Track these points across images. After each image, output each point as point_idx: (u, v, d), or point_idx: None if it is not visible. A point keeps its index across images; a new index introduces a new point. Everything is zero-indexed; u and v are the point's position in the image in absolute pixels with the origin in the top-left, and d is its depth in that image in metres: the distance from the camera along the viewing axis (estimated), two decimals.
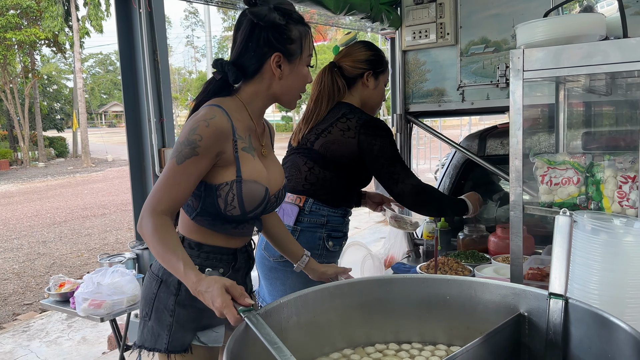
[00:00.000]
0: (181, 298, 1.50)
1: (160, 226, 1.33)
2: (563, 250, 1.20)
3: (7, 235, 9.23)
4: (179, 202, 1.39)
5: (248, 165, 1.46)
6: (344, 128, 2.05)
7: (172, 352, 1.51)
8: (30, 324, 5.02)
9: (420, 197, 2.05)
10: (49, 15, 21.20)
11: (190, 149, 1.36)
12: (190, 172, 1.37)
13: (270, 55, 1.45)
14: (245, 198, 1.44)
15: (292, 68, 1.49)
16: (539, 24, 1.52)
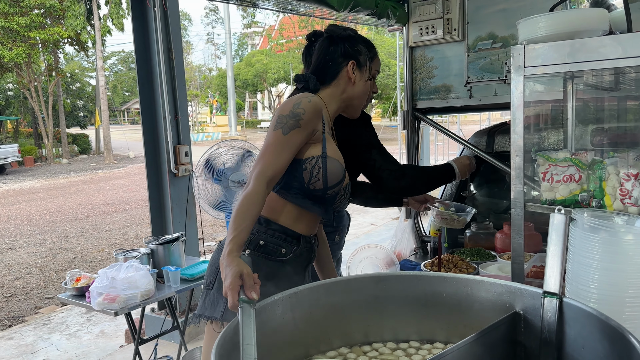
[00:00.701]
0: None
1: (256, 193, 1.46)
2: (558, 249, 1.19)
3: (30, 231, 9.44)
4: (282, 170, 1.53)
5: (331, 146, 1.65)
6: None
7: (226, 319, 1.58)
8: (51, 317, 5.14)
9: (401, 181, 1.99)
10: (72, 14, 21.51)
11: (294, 121, 1.54)
12: (293, 142, 1.54)
13: (347, 62, 1.73)
14: (329, 172, 1.60)
15: (362, 76, 1.78)
16: (541, 19, 1.51)
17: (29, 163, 22.71)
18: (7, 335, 4.77)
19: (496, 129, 2.92)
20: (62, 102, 26.11)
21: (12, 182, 17.39)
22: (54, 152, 24.47)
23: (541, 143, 2.09)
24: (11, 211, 11.63)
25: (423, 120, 2.87)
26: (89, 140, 28.24)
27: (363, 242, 7.24)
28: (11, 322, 5.16)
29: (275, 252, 1.64)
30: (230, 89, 20.92)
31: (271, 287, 1.53)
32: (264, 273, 1.55)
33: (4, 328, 5.01)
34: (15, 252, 7.93)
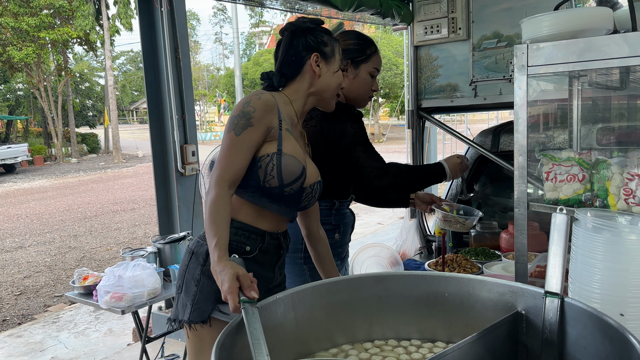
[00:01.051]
0: (207, 268, 1.57)
1: (220, 198, 1.48)
2: (560, 249, 1.19)
3: (40, 229, 9.51)
4: (241, 171, 1.53)
5: (289, 143, 1.60)
6: (307, 118, 1.98)
7: (193, 322, 1.58)
8: (60, 316, 5.18)
9: (383, 180, 1.94)
10: (81, 14, 21.67)
11: (245, 120, 1.53)
12: (248, 141, 1.53)
13: (310, 55, 1.66)
14: (283, 169, 1.57)
15: (329, 68, 1.70)
16: (544, 18, 1.50)
17: (38, 162, 22.90)
18: (16, 333, 4.82)
19: (501, 128, 2.91)
20: (72, 101, 26.30)
21: (22, 181, 17.54)
22: (63, 152, 24.65)
23: (545, 142, 2.08)
24: (21, 210, 11.73)
25: (428, 119, 2.87)
26: (97, 140, 28.43)
27: (370, 241, 7.22)
28: (20, 320, 5.21)
29: (238, 250, 1.59)
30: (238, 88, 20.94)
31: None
32: None
33: (13, 326, 5.06)
34: (25, 251, 8.00)
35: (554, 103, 2.05)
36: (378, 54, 2.15)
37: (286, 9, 3.36)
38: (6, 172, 20.42)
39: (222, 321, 1.57)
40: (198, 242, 1.66)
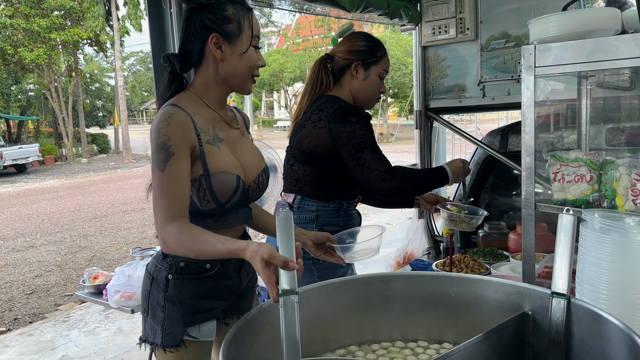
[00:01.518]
0: (169, 294, 1.52)
1: (178, 229, 1.36)
2: (567, 249, 1.19)
3: (50, 229, 9.60)
4: (183, 204, 1.39)
5: (214, 157, 1.45)
6: (316, 119, 2.00)
7: (167, 346, 1.52)
8: (70, 314, 5.23)
9: (388, 183, 1.92)
10: (91, 16, 21.86)
11: (164, 152, 1.37)
12: (177, 172, 1.38)
13: (208, 37, 1.43)
14: (216, 190, 1.44)
15: (234, 48, 1.46)
16: (552, 19, 1.50)
17: (49, 162, 23.10)
18: (27, 331, 4.87)
19: (510, 128, 2.90)
20: (82, 102, 26.51)
21: (33, 181, 17.70)
22: (73, 152, 24.85)
23: (554, 142, 2.08)
24: (32, 209, 11.84)
25: (436, 119, 2.87)
26: (107, 140, 28.63)
27: None
28: (32, 319, 5.26)
29: (199, 269, 1.52)
30: None
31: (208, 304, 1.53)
32: (195, 294, 1.52)
33: (24, 324, 5.12)
34: (35, 250, 8.08)
35: (562, 103, 2.04)
36: (387, 56, 2.16)
37: (294, 10, 3.37)
38: (18, 172, 20.62)
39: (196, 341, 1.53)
40: (156, 265, 1.54)
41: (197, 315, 1.53)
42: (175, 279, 1.52)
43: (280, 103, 42.41)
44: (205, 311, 1.53)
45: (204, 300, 1.54)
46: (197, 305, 1.53)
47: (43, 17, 21.31)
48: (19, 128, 29.08)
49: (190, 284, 1.52)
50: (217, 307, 1.57)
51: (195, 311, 1.53)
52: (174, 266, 1.51)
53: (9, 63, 22.84)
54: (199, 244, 1.33)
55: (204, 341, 1.55)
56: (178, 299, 1.52)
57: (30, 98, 30.12)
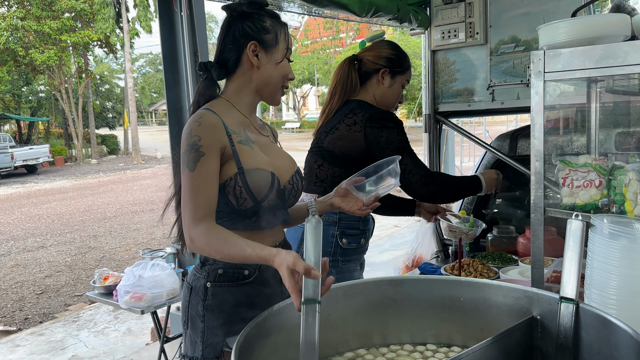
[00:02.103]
0: (208, 303, 1.51)
1: (208, 231, 1.37)
2: (575, 255, 1.20)
3: (60, 229, 9.67)
4: (212, 204, 1.41)
5: (247, 156, 1.47)
6: (351, 123, 2.04)
7: (207, 358, 1.51)
8: (80, 315, 5.27)
9: (430, 188, 1.99)
10: (101, 18, 22.04)
11: (195, 152, 1.40)
12: (208, 172, 1.40)
13: (247, 44, 1.49)
14: (252, 186, 1.45)
15: (270, 58, 1.52)
16: (561, 24, 1.51)
17: (59, 163, 23.28)
18: (38, 331, 4.91)
19: (519, 132, 2.90)
20: (92, 103, 26.69)
21: (44, 182, 17.84)
22: (83, 153, 25.01)
23: (563, 147, 2.08)
24: (42, 210, 11.93)
25: (444, 123, 2.87)
26: (117, 141, 28.79)
27: (386, 244, 7.24)
28: (42, 319, 5.31)
29: (237, 276, 1.51)
30: None
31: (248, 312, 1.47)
32: (234, 302, 1.50)
33: (35, 324, 5.16)
34: (46, 251, 8.14)
35: (571, 108, 2.04)
36: (410, 69, 2.24)
37: (303, 12, 3.39)
38: (28, 172, 20.79)
39: None
40: (194, 275, 1.55)
41: (237, 325, 1.47)
42: (214, 286, 1.51)
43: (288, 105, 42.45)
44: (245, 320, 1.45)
45: (243, 309, 1.50)
46: (237, 313, 1.49)
47: (54, 19, 21.48)
48: (29, 129, 29.32)
49: (229, 291, 1.51)
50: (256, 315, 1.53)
51: (235, 320, 1.49)
52: (212, 274, 1.51)
53: (20, 64, 23.04)
54: (227, 246, 1.34)
55: None
56: (217, 308, 1.51)
57: (40, 99, 30.37)
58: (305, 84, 33.37)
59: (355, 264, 2.20)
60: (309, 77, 31.81)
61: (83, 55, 24.86)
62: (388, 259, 2.78)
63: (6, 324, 5.18)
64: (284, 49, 1.54)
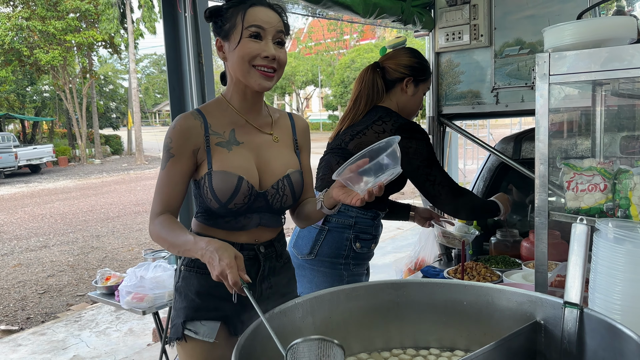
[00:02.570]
0: (178, 284, 1.59)
1: (160, 223, 1.44)
2: (580, 259, 1.19)
3: (63, 229, 9.69)
4: (172, 202, 1.49)
5: (219, 158, 1.49)
6: (379, 131, 2.06)
7: (171, 339, 1.57)
8: (82, 315, 5.27)
9: (457, 201, 2.03)
10: (106, 18, 22.09)
11: (167, 153, 1.49)
12: (173, 173, 1.48)
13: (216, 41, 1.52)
14: (216, 189, 1.47)
15: (230, 45, 1.47)
16: (567, 27, 1.50)
17: (63, 163, 23.33)
18: (40, 330, 4.92)
19: (523, 135, 2.89)
20: (96, 103, 26.77)
21: (47, 182, 17.88)
22: (87, 153, 25.07)
23: (567, 150, 2.07)
24: (45, 210, 11.96)
25: (448, 125, 2.86)
26: (121, 141, 28.86)
27: (389, 247, 7.22)
28: (44, 318, 5.31)
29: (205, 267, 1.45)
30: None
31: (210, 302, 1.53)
32: (198, 288, 1.54)
33: (37, 324, 5.17)
34: (48, 250, 8.16)
35: (576, 111, 2.03)
36: (430, 77, 2.27)
37: (307, 14, 3.38)
38: (32, 172, 20.85)
39: (196, 339, 1.54)
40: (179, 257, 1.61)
41: (197, 311, 1.54)
42: (185, 270, 1.58)
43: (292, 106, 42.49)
44: (207, 309, 1.54)
45: (205, 297, 1.54)
46: (199, 300, 1.54)
47: (59, 20, 21.56)
48: (33, 129, 29.41)
49: (196, 277, 1.56)
50: (220, 308, 1.55)
51: (197, 307, 1.54)
52: (187, 257, 1.56)
53: (24, 64, 23.13)
54: (172, 236, 1.40)
55: (203, 341, 1.54)
56: (184, 291, 1.57)
57: (45, 99, 30.45)
58: (308, 85, 33.38)
59: (363, 268, 2.22)
60: (313, 78, 31.84)
61: (87, 55, 24.94)
62: (390, 262, 2.77)
63: (8, 323, 5.19)
64: (240, 30, 1.45)
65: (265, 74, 1.47)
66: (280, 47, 1.50)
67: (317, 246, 2.07)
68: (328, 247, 2.08)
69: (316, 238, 2.08)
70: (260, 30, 1.45)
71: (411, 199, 8.47)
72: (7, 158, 19.45)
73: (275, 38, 1.48)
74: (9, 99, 27.83)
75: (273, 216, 1.60)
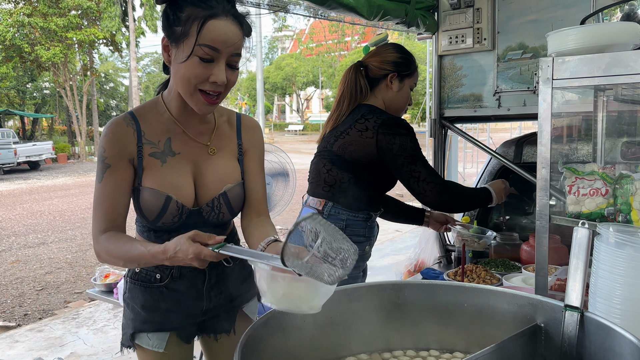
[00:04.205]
0: (126, 295, 1.56)
1: (107, 240, 1.34)
2: (581, 263, 1.19)
3: (62, 226, 9.67)
4: (116, 217, 1.37)
5: (152, 172, 1.39)
6: (362, 129, 2.01)
7: (123, 345, 1.57)
8: (80, 312, 5.26)
9: (443, 196, 1.96)
10: (108, 16, 22.12)
11: (102, 163, 1.37)
12: (112, 185, 1.36)
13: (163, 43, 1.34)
14: (143, 207, 1.39)
15: (179, 53, 1.29)
16: (570, 32, 1.50)
17: (62, 160, 23.32)
18: (37, 327, 4.91)
19: (525, 139, 2.89)
20: (96, 101, 26.75)
21: (46, 178, 17.86)
22: (86, 150, 25.06)
23: (569, 155, 2.07)
24: (44, 206, 11.95)
25: (450, 128, 2.87)
26: None
27: (387, 249, 7.22)
28: (41, 315, 5.31)
29: (149, 278, 1.49)
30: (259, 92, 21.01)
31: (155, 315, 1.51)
32: (143, 302, 1.50)
33: (34, 320, 5.16)
34: (46, 247, 8.15)
35: (578, 115, 2.04)
36: (417, 71, 2.22)
37: (309, 15, 3.39)
38: (31, 168, 20.84)
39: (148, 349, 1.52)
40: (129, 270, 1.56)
41: (143, 324, 1.52)
42: (130, 282, 1.53)
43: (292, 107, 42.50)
44: (152, 322, 1.51)
45: (151, 310, 1.51)
46: (144, 313, 1.51)
47: (60, 17, 21.57)
48: (33, 125, 29.40)
49: (139, 290, 1.52)
50: (166, 320, 1.52)
51: (143, 319, 1.51)
52: (131, 269, 1.52)
53: (25, 61, 23.13)
54: (124, 250, 1.31)
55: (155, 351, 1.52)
56: (130, 303, 1.54)
57: (45, 96, 30.46)
58: (309, 86, 33.41)
59: (358, 270, 2.19)
60: (314, 79, 31.86)
61: (88, 53, 24.94)
62: (389, 264, 2.78)
63: (5, 320, 5.18)
64: (191, 45, 1.25)
65: (208, 100, 1.33)
66: (233, 70, 1.34)
67: None
68: None
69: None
70: (214, 53, 1.28)
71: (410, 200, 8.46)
72: (6, 154, 19.43)
73: (229, 61, 1.32)
74: (9, 95, 27.82)
75: (213, 229, 1.49)
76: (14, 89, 27.91)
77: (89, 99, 25.84)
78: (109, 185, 1.36)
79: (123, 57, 29.94)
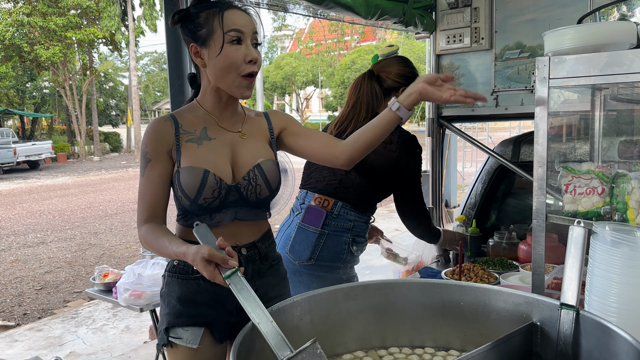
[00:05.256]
0: (163, 291, 1.59)
1: (147, 230, 1.45)
2: (576, 261, 1.20)
3: (61, 226, 9.68)
4: (157, 208, 1.49)
5: (189, 152, 1.48)
6: (387, 141, 2.10)
7: (159, 344, 1.58)
8: (79, 311, 5.27)
9: (419, 220, 2.27)
10: (107, 15, 22.09)
11: (144, 159, 1.50)
12: (152, 178, 1.48)
13: (189, 50, 1.47)
14: (183, 185, 1.45)
15: (210, 51, 1.44)
16: (567, 31, 1.51)
17: (61, 159, 23.32)
18: (36, 326, 4.92)
19: (522, 138, 2.90)
20: (95, 100, 26.75)
21: (45, 178, 17.87)
22: (86, 150, 25.06)
23: (566, 154, 2.08)
24: (44, 206, 11.95)
25: (448, 128, 2.87)
26: (120, 139, 28.85)
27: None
28: (40, 314, 5.31)
29: (186, 270, 1.53)
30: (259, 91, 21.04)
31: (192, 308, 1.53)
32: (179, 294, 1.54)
33: (33, 319, 5.17)
34: (46, 246, 8.15)
35: (575, 115, 2.04)
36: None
37: (309, 14, 3.40)
38: (30, 168, 20.84)
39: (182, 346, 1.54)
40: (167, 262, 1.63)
41: (180, 317, 1.54)
42: (168, 276, 1.58)
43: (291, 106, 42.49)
44: (188, 315, 1.53)
45: (187, 303, 1.53)
46: (180, 306, 1.53)
47: (60, 16, 21.56)
48: (32, 125, 29.39)
49: (177, 283, 1.55)
50: (202, 314, 1.54)
51: (179, 313, 1.54)
52: (170, 263, 1.59)
53: (25, 60, 23.12)
54: (157, 244, 1.41)
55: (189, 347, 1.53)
56: (167, 297, 1.57)
57: (44, 95, 30.45)
58: (308, 85, 33.39)
59: (355, 271, 2.28)
60: (313, 79, 31.84)
61: (88, 52, 24.94)
62: (388, 263, 2.78)
63: (5, 319, 5.19)
64: (221, 36, 1.42)
65: (249, 79, 1.48)
66: (257, 49, 1.50)
67: (317, 251, 2.10)
68: (327, 251, 2.11)
69: (316, 243, 2.10)
70: (240, 34, 1.44)
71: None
72: (5, 154, 19.43)
73: (252, 40, 1.47)
74: (9, 95, 27.80)
75: (251, 209, 1.55)
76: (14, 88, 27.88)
77: (88, 98, 25.82)
78: (150, 178, 1.48)
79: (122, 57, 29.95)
